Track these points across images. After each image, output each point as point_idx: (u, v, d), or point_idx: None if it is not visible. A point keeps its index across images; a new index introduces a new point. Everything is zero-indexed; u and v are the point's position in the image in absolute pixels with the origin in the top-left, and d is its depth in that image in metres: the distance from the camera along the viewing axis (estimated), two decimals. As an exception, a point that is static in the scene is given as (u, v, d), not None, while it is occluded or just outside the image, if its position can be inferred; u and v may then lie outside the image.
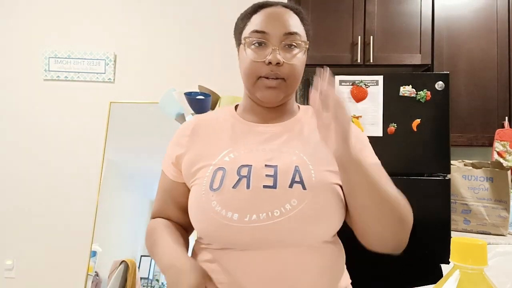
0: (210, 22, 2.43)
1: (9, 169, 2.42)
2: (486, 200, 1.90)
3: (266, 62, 0.81)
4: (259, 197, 0.74)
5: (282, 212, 0.73)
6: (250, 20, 0.85)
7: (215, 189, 0.76)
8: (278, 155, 0.80)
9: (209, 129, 0.89)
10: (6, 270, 2.38)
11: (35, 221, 2.39)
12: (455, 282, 0.45)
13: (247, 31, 0.85)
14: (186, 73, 2.41)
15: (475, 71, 2.19)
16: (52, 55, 2.43)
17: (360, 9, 2.24)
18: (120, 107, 2.35)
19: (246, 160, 0.79)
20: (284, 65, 0.81)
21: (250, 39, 0.83)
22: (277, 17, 0.83)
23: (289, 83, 0.84)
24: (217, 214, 0.74)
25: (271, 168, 0.77)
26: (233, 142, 0.84)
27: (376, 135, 1.85)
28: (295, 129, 0.87)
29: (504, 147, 2.11)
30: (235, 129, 0.88)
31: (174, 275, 0.71)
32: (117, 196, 2.25)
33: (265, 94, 0.83)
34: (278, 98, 0.85)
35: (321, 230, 0.75)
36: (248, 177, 0.76)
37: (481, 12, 2.20)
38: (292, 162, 0.79)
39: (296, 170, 0.77)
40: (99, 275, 2.12)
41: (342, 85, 1.89)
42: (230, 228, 0.73)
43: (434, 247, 1.77)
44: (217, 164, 0.80)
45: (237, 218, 0.73)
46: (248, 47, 0.84)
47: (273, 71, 0.81)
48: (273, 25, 0.82)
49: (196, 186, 0.81)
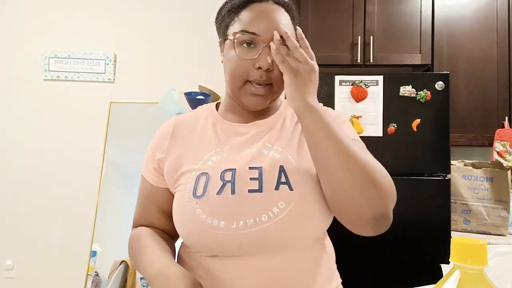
0: (210, 22, 2.42)
1: (9, 169, 2.42)
2: (486, 200, 1.90)
3: (256, 67, 0.76)
4: (245, 202, 0.72)
5: (270, 217, 0.70)
6: (239, 15, 0.79)
7: (198, 196, 0.74)
8: (261, 156, 0.78)
9: (190, 131, 0.86)
10: (6, 270, 2.39)
11: (35, 221, 2.39)
12: (455, 282, 0.45)
13: (236, 28, 0.79)
14: (186, 73, 2.41)
15: (475, 71, 2.19)
16: (52, 55, 2.43)
17: (360, 9, 2.24)
18: (120, 107, 2.35)
19: (229, 163, 0.77)
20: (274, 69, 0.77)
21: (239, 38, 0.78)
22: (268, 17, 0.78)
23: (277, 88, 0.80)
24: (202, 223, 0.72)
25: (255, 170, 0.75)
26: (215, 144, 0.82)
27: (376, 135, 1.85)
28: (277, 124, 0.84)
29: (504, 147, 2.11)
30: (217, 130, 0.84)
31: (162, 284, 0.66)
32: (117, 196, 2.25)
33: (250, 101, 0.80)
34: (264, 104, 0.81)
35: (311, 229, 0.73)
36: (233, 182, 0.74)
37: (481, 12, 2.20)
38: (276, 161, 0.76)
39: (281, 170, 0.75)
40: (99, 275, 2.12)
41: (342, 85, 1.89)
42: (216, 236, 0.71)
43: (434, 247, 1.77)
44: (200, 169, 0.77)
45: (223, 226, 0.70)
46: (237, 47, 0.78)
47: (262, 77, 0.77)
48: (264, 26, 0.77)
49: (179, 193, 0.79)
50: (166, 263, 0.71)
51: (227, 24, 0.82)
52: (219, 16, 0.87)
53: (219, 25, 0.87)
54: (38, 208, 2.39)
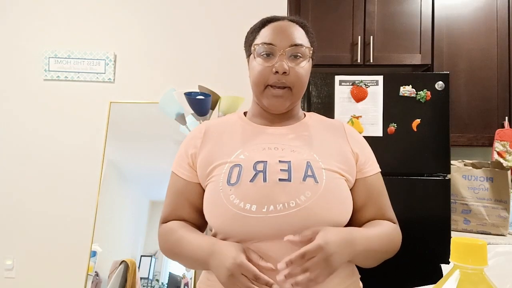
0: (210, 22, 2.43)
1: (9, 169, 2.42)
2: (486, 200, 1.90)
3: (273, 71, 0.87)
4: (275, 189, 0.79)
5: (298, 203, 0.77)
6: (259, 33, 0.92)
7: (232, 184, 0.81)
8: (289, 153, 0.86)
9: (220, 132, 0.94)
10: (6, 270, 2.38)
11: (35, 221, 2.39)
12: (455, 282, 0.45)
13: (256, 43, 0.91)
14: (186, 73, 2.41)
15: (475, 71, 2.19)
16: (52, 55, 2.43)
17: (360, 9, 2.24)
18: (120, 107, 2.35)
19: (260, 157, 0.84)
20: (290, 74, 0.87)
21: (259, 50, 0.89)
22: (284, 31, 0.90)
23: (295, 91, 0.90)
24: (235, 207, 0.78)
25: (285, 164, 0.82)
26: (245, 142, 0.89)
27: (376, 135, 1.85)
28: (303, 131, 0.93)
29: (504, 147, 2.11)
30: (246, 131, 0.93)
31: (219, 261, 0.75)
32: (117, 196, 2.25)
33: (272, 102, 0.90)
34: (284, 106, 0.91)
35: (334, 217, 0.80)
36: (264, 172, 0.81)
37: (481, 11, 2.20)
38: (303, 158, 0.84)
39: (308, 165, 0.83)
40: (99, 275, 2.12)
41: (342, 85, 1.89)
42: (248, 219, 0.77)
43: (434, 247, 1.77)
44: (233, 162, 0.85)
45: (255, 209, 0.77)
46: (257, 57, 0.90)
47: (280, 80, 0.87)
48: (280, 38, 0.88)
49: (212, 183, 0.85)
50: (213, 242, 0.80)
51: (250, 42, 0.95)
52: (245, 40, 0.99)
53: (245, 46, 0.99)
54: (38, 208, 2.39)
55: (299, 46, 0.89)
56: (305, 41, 0.91)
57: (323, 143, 0.90)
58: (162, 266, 2.10)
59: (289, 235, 0.75)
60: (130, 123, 2.33)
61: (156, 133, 2.25)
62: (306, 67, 0.91)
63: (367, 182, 0.91)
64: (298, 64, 0.89)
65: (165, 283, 2.07)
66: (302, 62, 0.90)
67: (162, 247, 0.91)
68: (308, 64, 0.92)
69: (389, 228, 0.89)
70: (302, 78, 0.90)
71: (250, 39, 0.95)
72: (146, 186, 2.23)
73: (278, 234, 0.76)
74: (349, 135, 0.95)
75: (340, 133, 0.95)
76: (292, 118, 0.97)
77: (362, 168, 0.91)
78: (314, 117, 1.00)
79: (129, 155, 2.30)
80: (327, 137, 0.93)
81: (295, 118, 0.97)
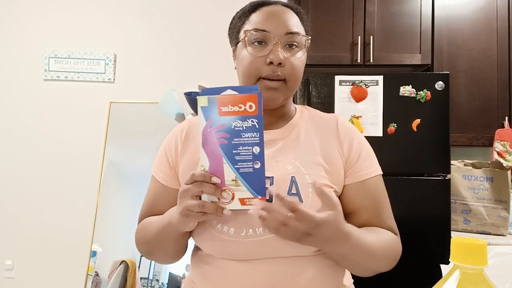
0: (210, 22, 2.43)
1: (9, 169, 2.42)
2: (486, 200, 1.90)
3: (267, 62, 0.77)
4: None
5: None
6: (249, 18, 0.82)
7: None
8: (274, 165, 0.78)
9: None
10: (6, 270, 2.38)
11: (35, 221, 2.39)
12: (455, 282, 0.45)
13: (247, 29, 0.81)
14: (186, 73, 2.41)
15: (475, 71, 2.19)
16: (52, 55, 2.43)
17: (360, 9, 2.24)
18: (120, 107, 2.35)
19: None
20: (286, 65, 0.78)
21: (250, 37, 0.79)
22: (278, 16, 0.80)
23: (290, 85, 0.80)
24: (213, 228, 0.75)
25: (267, 180, 0.75)
26: None
27: (376, 135, 1.85)
28: (291, 135, 0.84)
29: (504, 147, 2.11)
30: None
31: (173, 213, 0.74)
32: (117, 196, 2.25)
33: (265, 96, 0.78)
34: (278, 100, 0.81)
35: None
36: None
37: (481, 12, 2.20)
38: (288, 172, 0.77)
39: (292, 181, 0.76)
40: (99, 275, 2.12)
41: (342, 85, 1.89)
42: (226, 242, 0.74)
43: (434, 247, 1.77)
44: None
45: (233, 233, 0.73)
46: (248, 45, 0.79)
47: (275, 72, 0.77)
48: (274, 24, 0.79)
49: None
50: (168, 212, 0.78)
51: (239, 28, 0.84)
52: (231, 25, 0.88)
53: (231, 33, 0.88)
54: (38, 208, 2.39)
55: (296, 35, 0.80)
56: (300, 29, 0.82)
57: (311, 149, 0.81)
58: (162, 266, 2.10)
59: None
60: (130, 123, 2.33)
61: (156, 133, 2.25)
62: (302, 59, 0.82)
63: (364, 185, 0.81)
64: (294, 54, 0.80)
65: (165, 283, 2.07)
66: (298, 53, 0.80)
67: (138, 241, 0.88)
68: (304, 55, 0.83)
69: (388, 236, 0.80)
70: (298, 71, 0.81)
71: (238, 25, 0.84)
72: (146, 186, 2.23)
73: (258, 256, 0.73)
74: (342, 133, 0.84)
75: (331, 132, 0.84)
76: (282, 116, 0.87)
77: (357, 170, 0.82)
78: (306, 114, 0.89)
79: (129, 155, 2.30)
80: (317, 142, 0.83)
81: (286, 116, 0.87)
